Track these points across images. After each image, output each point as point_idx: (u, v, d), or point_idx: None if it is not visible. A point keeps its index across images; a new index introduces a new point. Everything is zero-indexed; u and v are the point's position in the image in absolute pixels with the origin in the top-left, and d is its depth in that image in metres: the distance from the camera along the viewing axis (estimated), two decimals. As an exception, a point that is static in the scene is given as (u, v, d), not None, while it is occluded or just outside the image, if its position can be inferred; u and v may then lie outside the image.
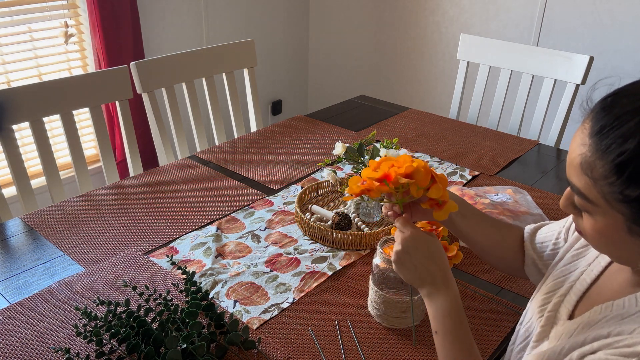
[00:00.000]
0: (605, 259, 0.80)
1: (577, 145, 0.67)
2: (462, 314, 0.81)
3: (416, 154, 1.72)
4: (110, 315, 0.95)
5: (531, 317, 0.85)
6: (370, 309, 1.05)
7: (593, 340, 0.68)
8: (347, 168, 1.62)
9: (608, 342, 0.66)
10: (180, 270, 1.16)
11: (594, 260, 0.81)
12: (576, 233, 0.87)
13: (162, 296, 1.01)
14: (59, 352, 0.94)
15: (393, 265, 0.86)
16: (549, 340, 0.78)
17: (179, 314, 0.96)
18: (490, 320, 1.05)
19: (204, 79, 1.93)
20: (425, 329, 1.02)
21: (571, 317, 0.78)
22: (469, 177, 1.58)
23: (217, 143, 1.95)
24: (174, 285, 1.11)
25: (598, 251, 0.73)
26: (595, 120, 0.65)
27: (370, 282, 1.03)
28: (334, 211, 1.34)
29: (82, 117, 2.60)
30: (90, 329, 0.94)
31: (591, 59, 1.85)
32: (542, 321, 0.82)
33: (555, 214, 1.39)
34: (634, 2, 2.39)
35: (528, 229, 0.99)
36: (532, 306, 0.86)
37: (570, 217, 0.92)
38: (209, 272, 1.16)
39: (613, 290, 0.74)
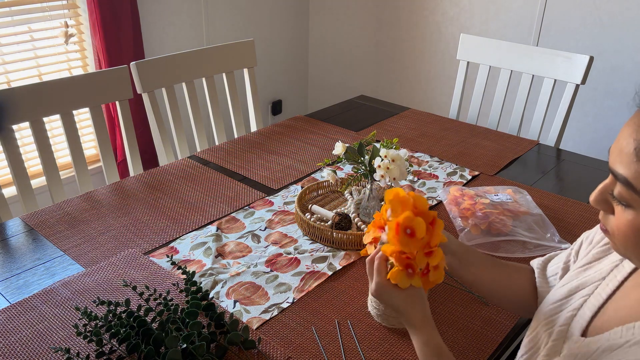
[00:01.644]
0: (621, 273, 0.76)
1: (632, 131, 0.63)
2: (438, 351, 0.80)
3: (416, 154, 1.72)
4: (111, 315, 0.95)
5: (537, 327, 0.82)
6: (370, 308, 1.05)
7: None
8: (347, 168, 1.62)
9: None
10: (180, 270, 1.16)
11: (609, 274, 0.77)
12: (586, 251, 0.85)
13: (162, 296, 1.02)
14: (59, 352, 0.94)
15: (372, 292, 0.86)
16: (562, 357, 0.75)
17: (179, 314, 0.96)
18: (490, 320, 1.05)
19: (204, 79, 1.93)
20: (425, 329, 1.02)
21: (584, 333, 0.75)
22: (469, 177, 1.58)
23: (217, 143, 1.95)
24: (174, 285, 1.11)
25: (620, 252, 0.69)
26: None
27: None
28: (334, 211, 1.34)
29: (82, 117, 2.60)
30: (90, 328, 0.94)
31: (591, 59, 1.85)
32: (553, 335, 0.78)
33: (555, 214, 1.39)
34: (634, 2, 2.39)
35: (537, 264, 0.96)
36: (539, 317, 0.83)
37: (577, 241, 0.90)
38: (209, 272, 1.16)
39: (631, 307, 0.70)
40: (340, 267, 1.19)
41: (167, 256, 1.21)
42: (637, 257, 0.67)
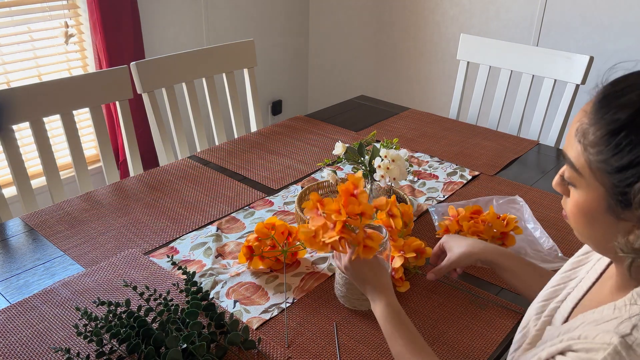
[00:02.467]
0: (601, 265, 0.79)
1: (579, 115, 0.67)
2: (399, 316, 0.90)
3: (416, 154, 1.72)
4: (111, 315, 0.95)
5: (527, 322, 0.85)
6: (335, 291, 1.09)
7: (566, 341, 0.68)
8: (347, 168, 1.62)
9: (572, 344, 0.65)
10: (180, 271, 1.16)
11: (592, 268, 0.81)
12: (583, 247, 0.87)
13: (163, 296, 1.01)
14: (59, 352, 0.94)
15: (343, 269, 0.98)
16: (538, 343, 0.78)
17: (179, 314, 0.96)
18: (490, 320, 1.05)
19: (204, 79, 1.93)
20: (422, 328, 1.02)
21: (565, 322, 0.78)
22: (469, 177, 1.58)
23: (217, 143, 1.95)
24: (174, 285, 1.11)
25: (579, 236, 0.72)
26: (600, 91, 0.66)
27: (336, 266, 1.06)
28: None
29: (82, 117, 2.60)
30: (90, 329, 0.94)
31: (591, 59, 1.85)
32: (537, 325, 0.82)
33: (555, 214, 1.39)
34: (634, 2, 2.39)
35: None
36: (530, 312, 0.86)
37: None
38: (209, 272, 1.16)
39: (603, 295, 0.73)
40: (340, 267, 1.19)
41: (167, 256, 1.21)
42: (589, 240, 0.70)
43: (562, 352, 0.67)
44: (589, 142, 0.64)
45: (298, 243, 1.16)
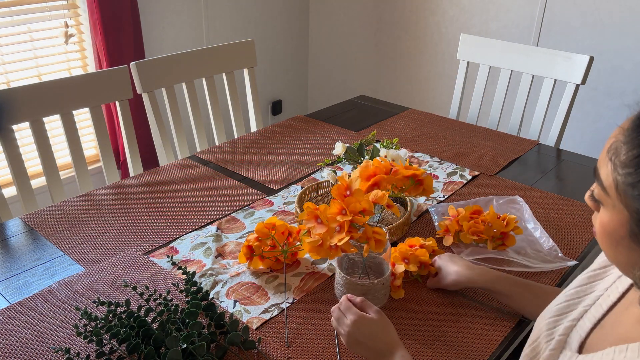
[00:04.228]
0: (623, 285, 0.75)
1: (616, 131, 0.64)
2: None
3: (416, 154, 1.72)
4: (111, 315, 0.95)
5: (538, 336, 0.81)
6: (335, 291, 1.09)
7: None
8: (347, 168, 1.62)
9: None
10: (180, 271, 1.16)
11: (612, 285, 0.76)
12: (598, 257, 0.84)
13: (162, 296, 1.01)
14: (59, 352, 0.94)
15: (346, 344, 0.92)
16: None
17: (179, 314, 0.96)
18: (490, 320, 1.05)
19: (204, 79, 1.93)
20: (422, 328, 1.02)
21: (582, 344, 0.74)
22: (469, 177, 1.58)
23: (217, 143, 1.95)
24: (174, 285, 1.11)
25: (607, 257, 0.68)
26: None
27: (336, 266, 1.06)
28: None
29: (82, 117, 2.60)
30: (90, 329, 0.94)
31: (591, 59, 1.85)
32: (551, 344, 0.77)
33: (555, 214, 1.39)
34: (634, 2, 2.39)
35: None
36: (541, 326, 0.82)
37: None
38: (209, 272, 1.16)
39: (628, 324, 0.68)
40: (340, 267, 1.19)
41: (167, 256, 1.21)
42: (615, 261, 0.67)
43: None
44: (620, 162, 0.61)
45: (298, 243, 1.16)
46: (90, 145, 2.67)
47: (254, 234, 1.14)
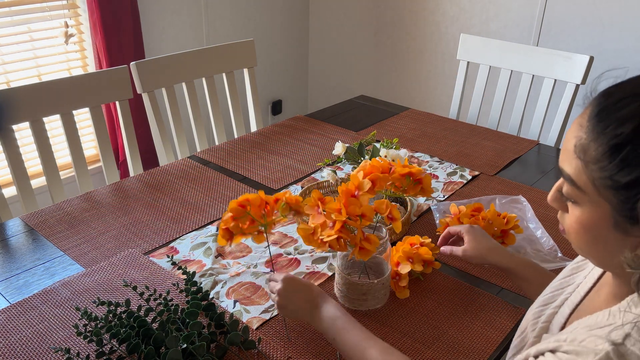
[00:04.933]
0: (598, 271, 0.78)
1: (574, 130, 0.65)
2: (344, 322, 0.91)
3: (416, 154, 1.72)
4: (111, 315, 0.95)
5: (525, 327, 0.85)
6: (335, 291, 1.09)
7: (555, 342, 0.66)
8: (347, 168, 1.62)
9: (561, 345, 0.64)
10: (180, 270, 1.16)
11: (589, 273, 0.80)
12: None
13: (162, 296, 1.01)
14: (59, 352, 0.94)
15: (278, 310, 0.99)
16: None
17: (179, 314, 0.96)
18: (490, 320, 1.05)
19: (204, 79, 1.93)
20: (422, 327, 1.02)
21: (562, 329, 0.77)
22: (469, 177, 1.58)
23: (217, 143, 1.95)
24: (174, 285, 1.11)
25: (579, 252, 0.70)
26: (595, 104, 0.64)
27: (336, 266, 1.06)
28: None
29: (82, 117, 2.60)
30: (90, 329, 0.94)
31: (591, 59, 1.85)
32: (535, 332, 0.81)
33: (555, 213, 1.39)
34: (634, 2, 2.39)
35: None
36: (528, 317, 0.86)
37: None
38: (209, 272, 1.16)
39: (598, 302, 0.72)
40: (341, 267, 1.18)
41: (167, 256, 1.21)
42: (591, 255, 0.69)
43: (552, 351, 0.66)
44: (591, 159, 0.62)
45: (276, 212, 1.08)
46: (90, 145, 2.67)
47: (229, 214, 1.03)
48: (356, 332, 0.89)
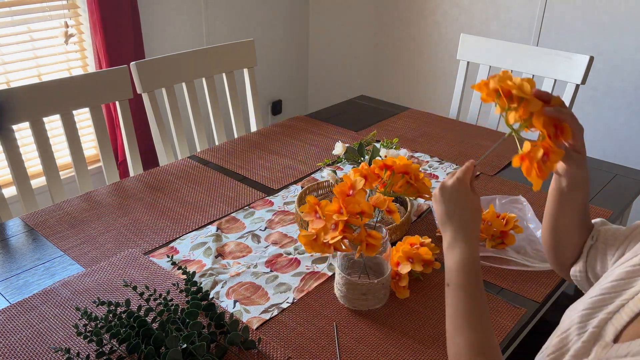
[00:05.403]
0: None
1: None
2: (477, 272, 0.81)
3: (416, 154, 1.72)
4: (111, 315, 0.95)
5: (569, 328, 0.78)
6: (335, 291, 1.09)
7: None
8: (347, 168, 1.62)
9: None
10: (180, 270, 1.16)
11: None
12: (635, 250, 0.80)
13: (162, 296, 1.01)
14: (59, 352, 0.94)
15: (434, 192, 0.89)
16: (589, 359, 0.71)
17: (179, 314, 0.96)
18: (490, 320, 1.05)
19: (204, 79, 1.93)
20: (422, 327, 1.02)
21: (617, 337, 0.71)
22: (469, 177, 1.58)
23: (217, 143, 1.95)
24: (174, 285, 1.11)
25: None
26: None
27: (336, 266, 1.06)
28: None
29: (82, 117, 2.60)
30: (90, 329, 0.94)
31: (591, 59, 1.85)
32: (584, 336, 0.74)
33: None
34: (634, 2, 2.39)
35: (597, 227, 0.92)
36: (572, 318, 0.79)
37: (634, 228, 0.84)
38: (209, 272, 1.16)
39: None
40: (341, 267, 1.18)
41: (167, 256, 1.21)
42: None
43: None
44: None
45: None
46: (90, 145, 2.67)
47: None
48: (471, 303, 0.79)
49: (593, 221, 0.94)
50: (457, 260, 0.82)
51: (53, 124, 2.47)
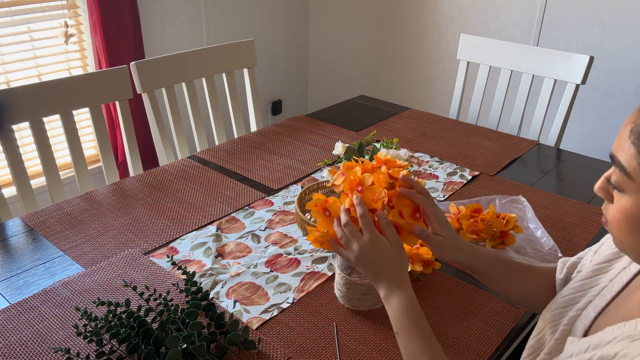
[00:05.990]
0: (627, 275, 0.75)
1: (633, 115, 0.64)
2: (418, 313, 0.83)
3: (416, 154, 1.72)
4: (111, 315, 0.95)
5: (543, 328, 0.82)
6: (335, 291, 1.09)
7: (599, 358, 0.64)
8: (347, 168, 1.62)
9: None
10: (180, 271, 1.16)
11: (616, 276, 0.77)
12: (601, 251, 0.84)
13: (162, 296, 1.01)
14: (59, 352, 0.94)
15: (353, 259, 0.88)
16: (560, 357, 0.74)
17: (179, 314, 0.96)
18: (490, 320, 1.05)
19: (204, 79, 1.93)
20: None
21: (587, 332, 0.75)
22: (469, 177, 1.58)
23: (217, 143, 1.95)
24: (174, 285, 1.11)
25: (619, 246, 0.68)
26: None
27: (336, 266, 1.06)
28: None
29: (82, 117, 2.60)
30: (90, 329, 0.94)
31: (591, 59, 1.85)
32: (556, 334, 0.78)
33: (555, 214, 1.39)
34: (634, 2, 2.39)
35: (564, 264, 0.95)
36: (546, 318, 0.83)
37: (601, 241, 0.88)
38: (209, 272, 1.16)
39: (631, 307, 0.70)
40: (340, 267, 1.18)
41: (167, 256, 1.21)
42: (631, 250, 0.67)
43: None
44: None
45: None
46: (90, 145, 2.68)
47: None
48: (424, 341, 0.81)
49: (553, 266, 0.98)
50: (398, 307, 0.84)
51: (53, 124, 2.47)
